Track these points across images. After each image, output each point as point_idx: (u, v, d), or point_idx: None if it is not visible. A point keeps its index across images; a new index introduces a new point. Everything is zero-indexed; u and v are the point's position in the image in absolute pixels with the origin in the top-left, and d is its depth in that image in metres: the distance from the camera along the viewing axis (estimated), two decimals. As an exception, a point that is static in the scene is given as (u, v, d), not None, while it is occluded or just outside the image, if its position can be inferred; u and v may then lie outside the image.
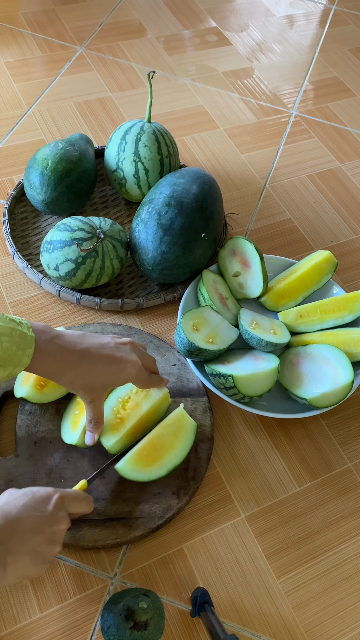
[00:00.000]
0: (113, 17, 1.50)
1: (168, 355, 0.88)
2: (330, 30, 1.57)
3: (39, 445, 0.78)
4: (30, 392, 0.78)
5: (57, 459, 0.77)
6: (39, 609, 0.69)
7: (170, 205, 0.89)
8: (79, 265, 0.86)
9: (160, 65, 1.39)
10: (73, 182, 0.95)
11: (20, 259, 0.95)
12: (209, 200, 0.92)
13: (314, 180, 1.19)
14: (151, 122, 1.01)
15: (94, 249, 0.86)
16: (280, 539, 0.76)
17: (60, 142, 0.98)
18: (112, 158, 1.01)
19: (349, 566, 0.75)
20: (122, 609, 0.63)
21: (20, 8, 1.49)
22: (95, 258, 0.87)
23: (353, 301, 0.90)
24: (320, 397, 0.79)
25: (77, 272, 0.87)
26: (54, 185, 0.94)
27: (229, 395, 0.80)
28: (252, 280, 0.92)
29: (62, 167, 0.94)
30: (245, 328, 0.84)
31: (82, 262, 0.86)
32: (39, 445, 0.78)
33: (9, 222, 1.00)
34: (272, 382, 0.79)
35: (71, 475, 0.76)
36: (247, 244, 0.93)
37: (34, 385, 0.79)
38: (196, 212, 0.89)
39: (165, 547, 0.74)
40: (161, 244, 0.88)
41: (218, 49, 1.46)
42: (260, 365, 0.81)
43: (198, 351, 0.81)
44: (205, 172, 0.98)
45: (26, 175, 0.97)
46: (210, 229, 0.92)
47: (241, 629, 0.70)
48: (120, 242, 0.90)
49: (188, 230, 0.88)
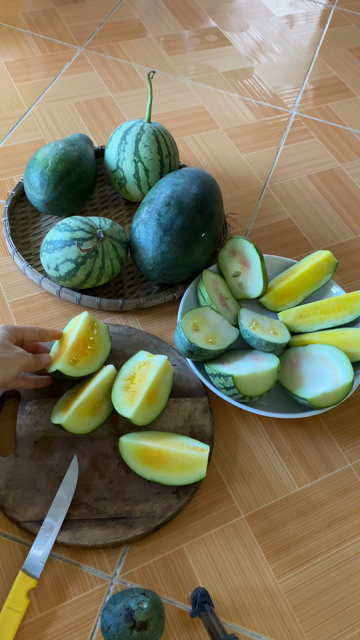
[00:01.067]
0: (113, 17, 1.50)
1: (168, 355, 0.88)
2: (330, 30, 1.57)
3: (39, 445, 0.78)
4: (64, 366, 0.79)
5: (57, 458, 0.77)
6: (39, 609, 0.69)
7: (170, 205, 0.89)
8: (79, 265, 0.86)
9: (160, 65, 1.39)
10: (73, 182, 0.95)
11: (20, 259, 0.95)
12: (209, 200, 0.92)
13: (314, 180, 1.19)
14: (151, 122, 1.01)
15: (94, 249, 0.86)
16: (280, 539, 0.76)
17: (60, 142, 0.98)
18: (112, 158, 1.01)
19: (349, 566, 0.75)
20: (122, 609, 0.63)
21: (20, 8, 1.49)
22: (95, 258, 0.87)
23: (353, 301, 0.90)
24: (321, 397, 0.79)
25: (77, 272, 0.87)
26: (53, 185, 0.94)
27: (229, 395, 0.80)
28: (252, 280, 0.92)
29: (62, 167, 0.94)
30: (245, 328, 0.84)
31: (82, 262, 0.86)
32: (39, 445, 0.78)
33: (9, 222, 1.00)
34: (272, 382, 0.79)
35: (71, 475, 0.76)
36: (247, 244, 0.93)
37: (67, 360, 0.79)
38: (196, 212, 0.89)
39: (165, 547, 0.74)
40: (161, 244, 0.88)
41: (218, 49, 1.46)
42: (260, 365, 0.81)
43: (198, 351, 0.81)
44: (205, 172, 0.98)
45: (26, 175, 0.97)
46: (210, 228, 0.92)
47: (241, 629, 0.70)
48: (120, 242, 0.90)
49: (188, 230, 0.88)
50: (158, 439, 0.77)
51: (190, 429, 0.81)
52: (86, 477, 0.76)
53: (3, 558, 0.72)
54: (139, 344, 0.89)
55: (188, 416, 0.82)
